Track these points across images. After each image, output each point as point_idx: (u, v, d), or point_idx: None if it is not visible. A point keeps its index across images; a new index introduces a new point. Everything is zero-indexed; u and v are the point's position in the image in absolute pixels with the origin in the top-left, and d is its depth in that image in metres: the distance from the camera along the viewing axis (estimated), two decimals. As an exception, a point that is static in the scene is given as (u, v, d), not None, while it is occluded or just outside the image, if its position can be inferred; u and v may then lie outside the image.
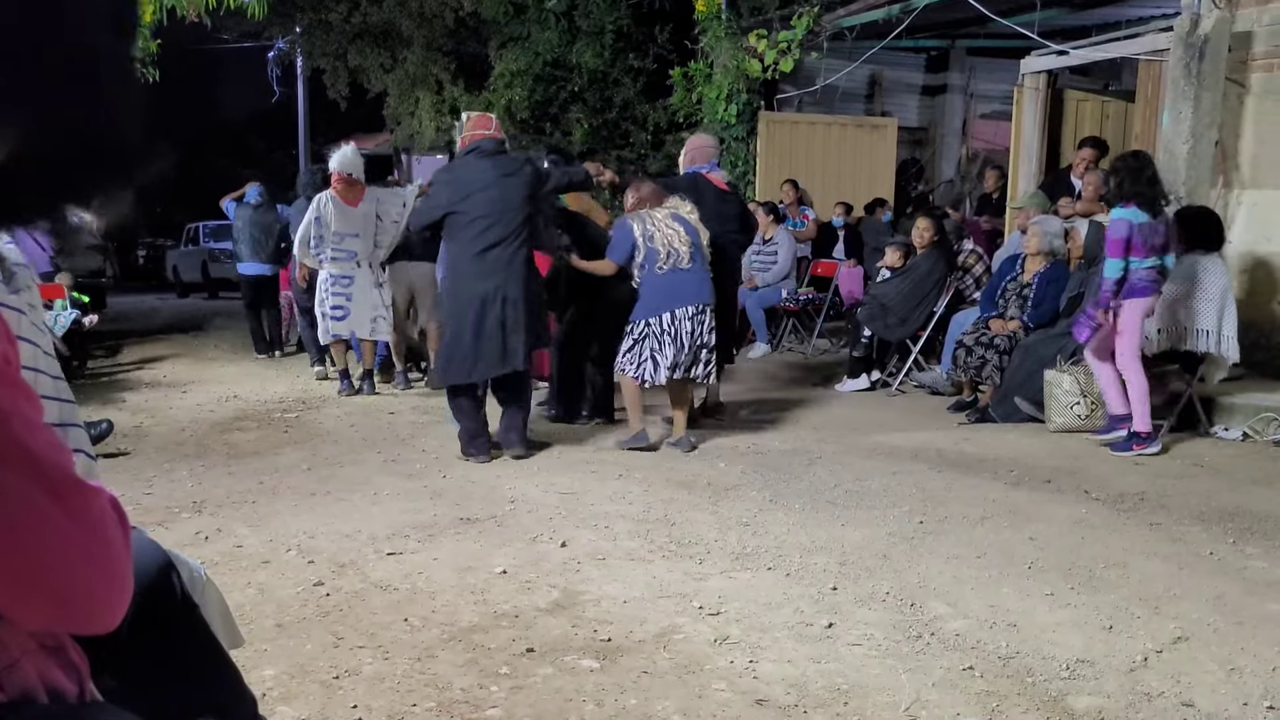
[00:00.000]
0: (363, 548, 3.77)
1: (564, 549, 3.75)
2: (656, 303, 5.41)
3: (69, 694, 1.09)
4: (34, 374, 1.42)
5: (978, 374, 6.48)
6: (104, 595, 0.98)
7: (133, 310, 15.55)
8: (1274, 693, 2.58)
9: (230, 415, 6.64)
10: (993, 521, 4.10)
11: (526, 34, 12.49)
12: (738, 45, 10.42)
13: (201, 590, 1.62)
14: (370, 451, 5.49)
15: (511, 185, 5.29)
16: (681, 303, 5.37)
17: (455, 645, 2.87)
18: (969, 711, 2.48)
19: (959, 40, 12.27)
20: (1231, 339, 5.68)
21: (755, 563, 3.61)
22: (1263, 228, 6.66)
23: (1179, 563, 3.59)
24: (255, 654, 2.72)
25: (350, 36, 13.69)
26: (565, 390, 6.29)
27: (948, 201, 12.45)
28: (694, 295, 5.40)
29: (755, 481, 4.78)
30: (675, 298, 5.38)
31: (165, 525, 4.00)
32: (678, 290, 5.39)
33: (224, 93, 30.13)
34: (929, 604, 3.20)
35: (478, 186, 5.26)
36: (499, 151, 5.42)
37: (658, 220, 5.48)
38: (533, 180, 5.40)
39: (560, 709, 2.49)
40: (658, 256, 5.41)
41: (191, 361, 9.57)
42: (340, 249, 7.15)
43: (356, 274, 7.21)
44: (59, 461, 0.94)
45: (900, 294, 7.47)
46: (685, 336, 5.36)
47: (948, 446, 5.56)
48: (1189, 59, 6.60)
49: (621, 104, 12.63)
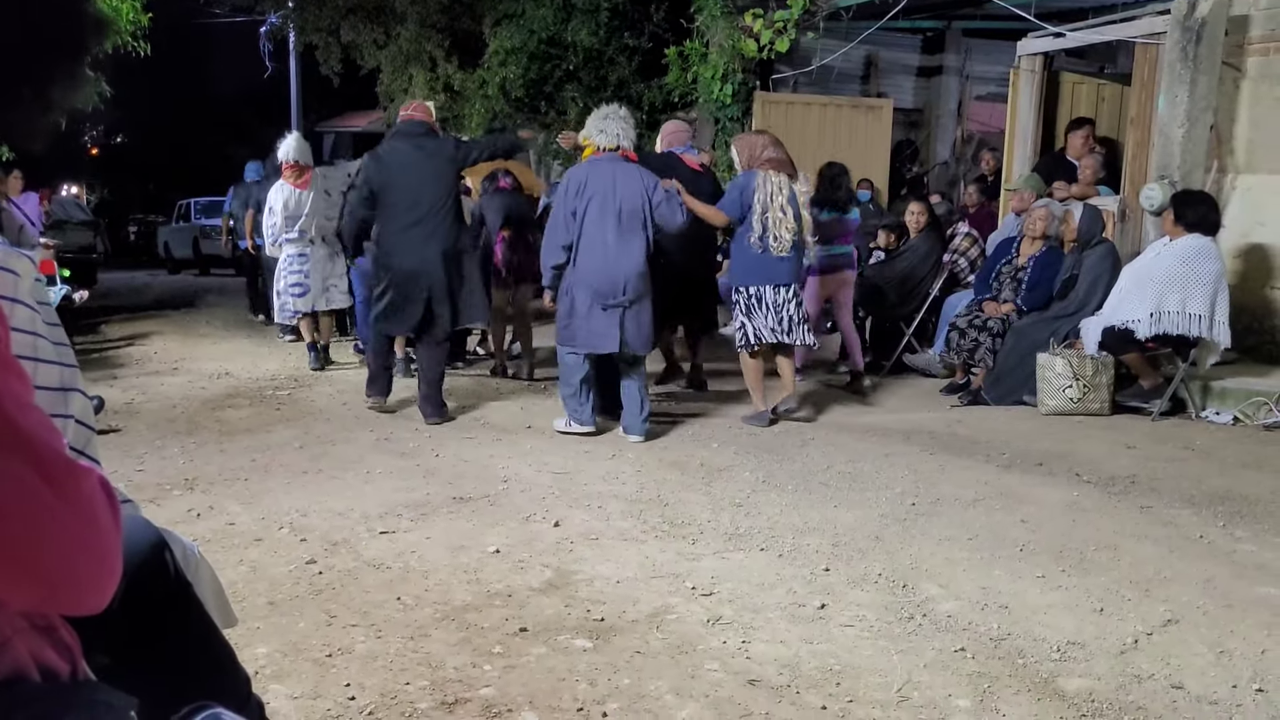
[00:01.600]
0: (355, 526, 3.76)
1: (557, 529, 3.76)
2: (750, 275, 5.67)
3: (61, 673, 1.09)
4: (33, 338, 1.40)
5: (970, 356, 6.49)
6: (92, 576, 0.98)
7: (124, 287, 15.48)
8: (1263, 675, 2.60)
9: (222, 392, 6.62)
10: (985, 504, 4.11)
11: (521, 11, 12.41)
12: (733, 25, 10.35)
13: (195, 569, 1.61)
14: (363, 430, 5.48)
15: (432, 164, 5.62)
16: (773, 281, 5.62)
17: (448, 624, 2.87)
18: (960, 692, 2.49)
19: (955, 21, 12.20)
20: (1224, 324, 5.69)
21: (748, 543, 3.62)
22: (1256, 212, 6.66)
23: (1169, 546, 3.61)
24: (248, 632, 2.72)
25: (343, 12, 13.59)
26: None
27: (943, 183, 12.45)
28: (785, 276, 5.64)
29: (748, 462, 4.79)
30: (768, 276, 5.62)
31: (157, 502, 3.99)
32: (770, 270, 5.61)
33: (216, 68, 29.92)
34: (921, 585, 3.21)
35: (398, 168, 5.62)
36: (423, 133, 5.73)
37: (775, 198, 5.56)
38: (455, 157, 5.73)
39: (553, 688, 2.49)
40: (759, 232, 5.55)
41: (183, 338, 9.53)
42: (294, 230, 7.59)
43: (311, 250, 7.61)
44: (49, 442, 0.93)
45: (897, 276, 7.47)
46: (776, 308, 5.63)
47: (940, 429, 5.57)
48: (1185, 42, 6.58)
49: (617, 83, 12.56)
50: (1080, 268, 6.26)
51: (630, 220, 5.25)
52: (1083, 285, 6.21)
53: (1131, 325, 5.73)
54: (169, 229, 21.71)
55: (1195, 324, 5.65)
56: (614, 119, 5.46)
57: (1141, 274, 5.86)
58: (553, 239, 5.36)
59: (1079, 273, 6.26)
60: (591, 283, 5.23)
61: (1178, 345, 5.80)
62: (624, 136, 5.43)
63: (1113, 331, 5.81)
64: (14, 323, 1.37)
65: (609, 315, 5.23)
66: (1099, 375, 5.82)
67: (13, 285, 1.38)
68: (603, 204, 5.24)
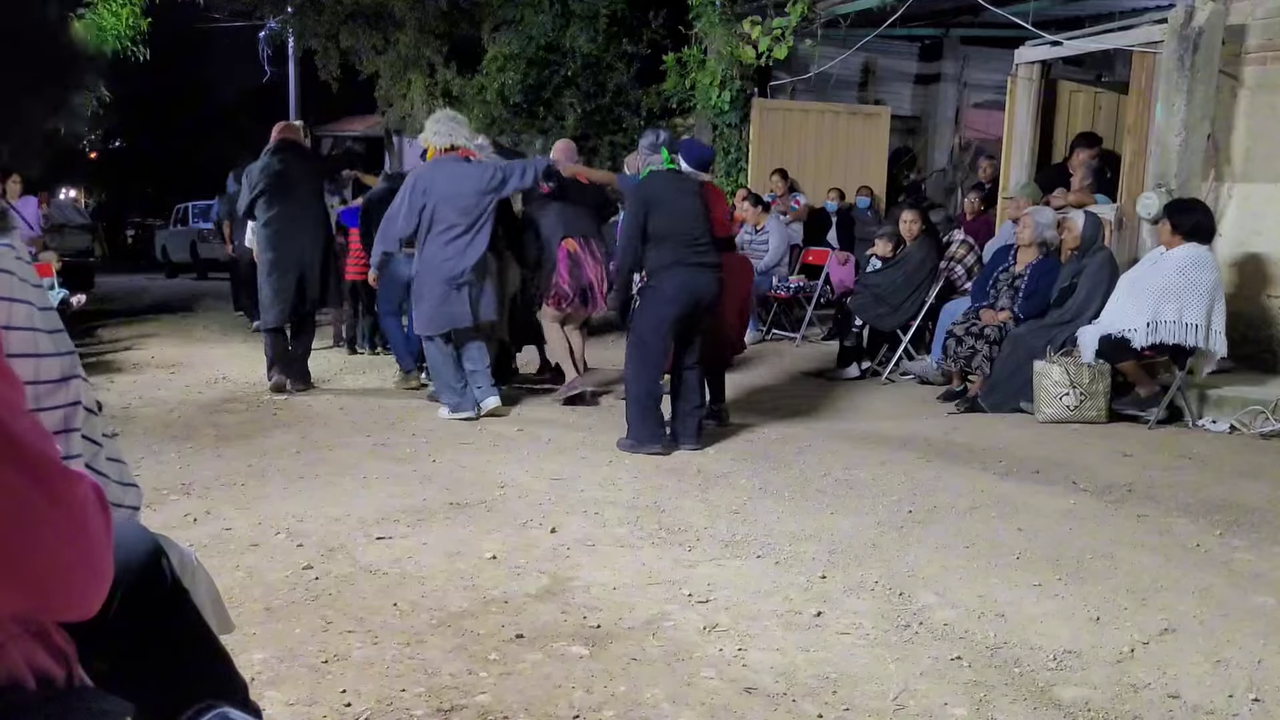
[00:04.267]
0: (352, 532, 3.76)
1: (554, 535, 3.76)
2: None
3: (57, 679, 1.09)
4: (32, 333, 1.40)
5: (967, 364, 6.50)
6: (83, 582, 0.98)
7: (121, 290, 15.47)
8: (1259, 684, 2.60)
9: (219, 397, 6.62)
10: (981, 512, 4.11)
11: (520, 17, 12.41)
12: (731, 31, 10.37)
13: (192, 575, 1.61)
14: (360, 435, 5.48)
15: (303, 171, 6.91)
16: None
17: (444, 630, 2.87)
18: (956, 701, 2.49)
19: (953, 29, 12.25)
20: (1220, 333, 5.70)
21: (744, 551, 3.62)
22: (1253, 221, 6.68)
23: (1166, 554, 3.61)
24: (244, 638, 2.71)
25: (342, 17, 13.59)
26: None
27: (940, 191, 12.47)
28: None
29: (745, 469, 4.79)
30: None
31: (153, 507, 3.98)
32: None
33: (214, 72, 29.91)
34: (917, 593, 3.22)
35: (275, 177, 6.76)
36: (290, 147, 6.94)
37: None
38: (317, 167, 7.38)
39: (549, 695, 2.49)
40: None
41: (180, 342, 9.52)
42: None
43: None
44: (41, 447, 0.93)
45: (893, 283, 7.47)
46: None
47: (937, 436, 5.57)
48: (1183, 51, 6.60)
49: (615, 89, 12.57)
50: (1079, 275, 6.27)
51: (469, 212, 5.86)
52: (1080, 293, 6.21)
53: (1128, 334, 5.73)
54: (167, 233, 21.73)
55: (1192, 333, 5.65)
56: (445, 122, 6.06)
57: (1138, 283, 5.87)
58: (389, 229, 6.07)
59: (1078, 280, 6.27)
60: (439, 271, 5.87)
61: (1174, 354, 5.81)
62: (456, 136, 6.01)
63: (1109, 340, 5.81)
64: (13, 321, 1.37)
65: (460, 294, 5.88)
66: (1096, 383, 5.83)
67: (7, 285, 1.38)
68: (444, 199, 5.84)
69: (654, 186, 5.39)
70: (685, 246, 5.24)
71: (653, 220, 5.27)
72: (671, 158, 5.48)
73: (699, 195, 5.43)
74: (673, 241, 5.24)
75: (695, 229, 5.29)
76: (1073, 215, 6.55)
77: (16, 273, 1.40)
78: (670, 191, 5.35)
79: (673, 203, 5.30)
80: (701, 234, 5.31)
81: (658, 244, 5.28)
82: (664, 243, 5.26)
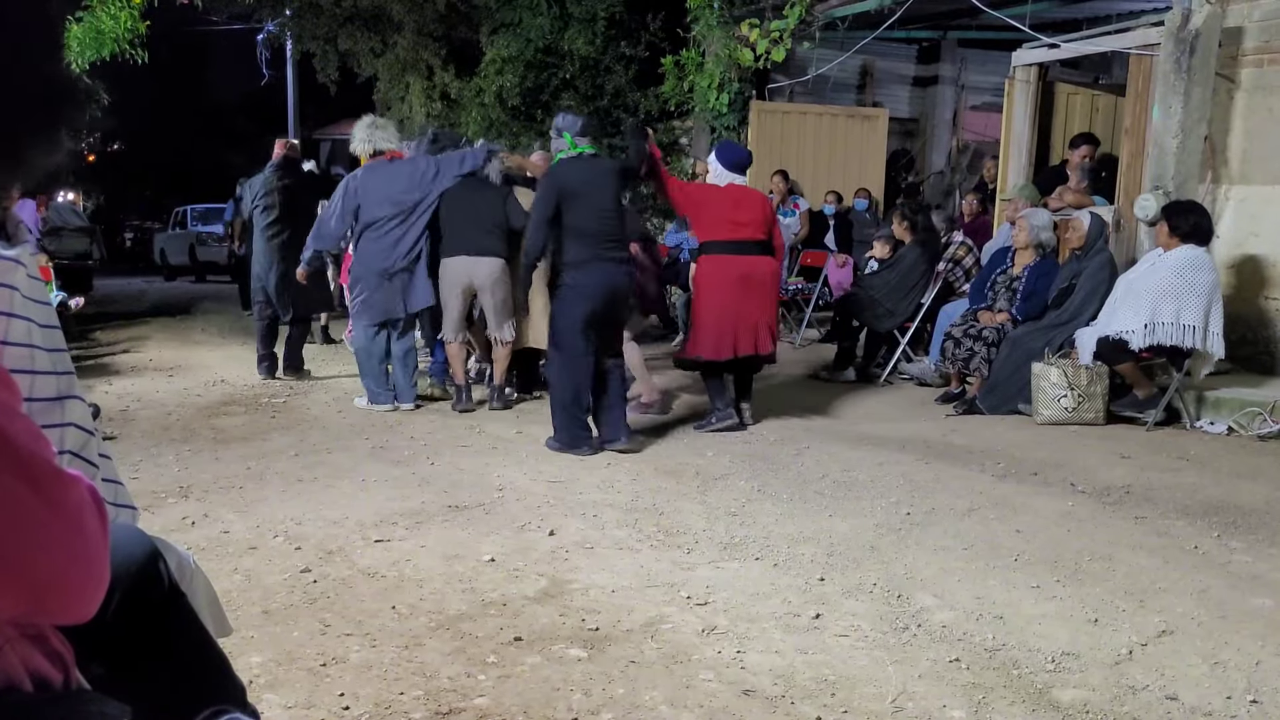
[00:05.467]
0: (350, 535, 3.76)
1: (552, 537, 3.75)
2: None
3: (54, 682, 1.09)
4: (29, 349, 1.40)
5: (966, 366, 6.50)
6: (80, 584, 0.98)
7: (120, 293, 15.47)
8: (1257, 686, 2.60)
9: (217, 400, 6.62)
10: (980, 513, 4.11)
11: (518, 20, 12.42)
12: (730, 34, 10.38)
13: (190, 578, 1.61)
14: (358, 438, 5.48)
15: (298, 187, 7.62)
16: None
17: (443, 633, 2.87)
18: (955, 703, 2.49)
19: (950, 31, 12.26)
20: (1218, 334, 5.71)
21: (743, 553, 3.62)
22: (1250, 223, 6.69)
23: (1164, 556, 3.61)
24: (242, 641, 2.71)
25: (341, 20, 13.58)
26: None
27: (938, 193, 12.48)
28: None
29: (743, 471, 4.79)
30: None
31: (151, 510, 3.98)
32: None
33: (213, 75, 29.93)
34: (916, 595, 3.22)
35: (272, 193, 7.53)
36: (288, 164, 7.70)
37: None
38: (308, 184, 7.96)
39: (548, 698, 2.49)
40: None
41: (178, 345, 9.52)
42: None
43: None
44: (37, 450, 0.93)
45: (888, 285, 7.48)
46: None
47: (935, 438, 5.58)
48: (1179, 54, 6.61)
49: (613, 92, 12.58)
50: (1078, 277, 6.28)
51: (401, 206, 6.17)
52: (1079, 294, 6.22)
53: (1126, 335, 5.74)
54: (165, 235, 21.72)
55: (1189, 335, 5.66)
56: (366, 129, 6.41)
57: (1136, 284, 5.87)
58: (323, 230, 6.42)
59: (1077, 282, 6.28)
60: (372, 264, 6.21)
61: (1172, 355, 5.81)
62: (378, 141, 6.37)
63: (1107, 341, 5.82)
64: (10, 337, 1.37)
65: (392, 284, 6.20)
66: (1094, 385, 5.83)
67: (8, 300, 1.38)
68: (375, 199, 6.18)
69: (565, 175, 5.28)
70: (600, 241, 5.17)
71: (566, 212, 5.19)
72: (576, 142, 5.39)
73: (613, 184, 5.34)
74: (587, 235, 5.16)
75: (609, 221, 5.22)
76: (1077, 215, 6.55)
77: (20, 289, 1.40)
78: (582, 180, 5.25)
79: (586, 193, 5.20)
80: (615, 227, 5.25)
81: (572, 237, 5.19)
82: (578, 236, 5.18)
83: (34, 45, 0.90)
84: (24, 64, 0.89)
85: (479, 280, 6.16)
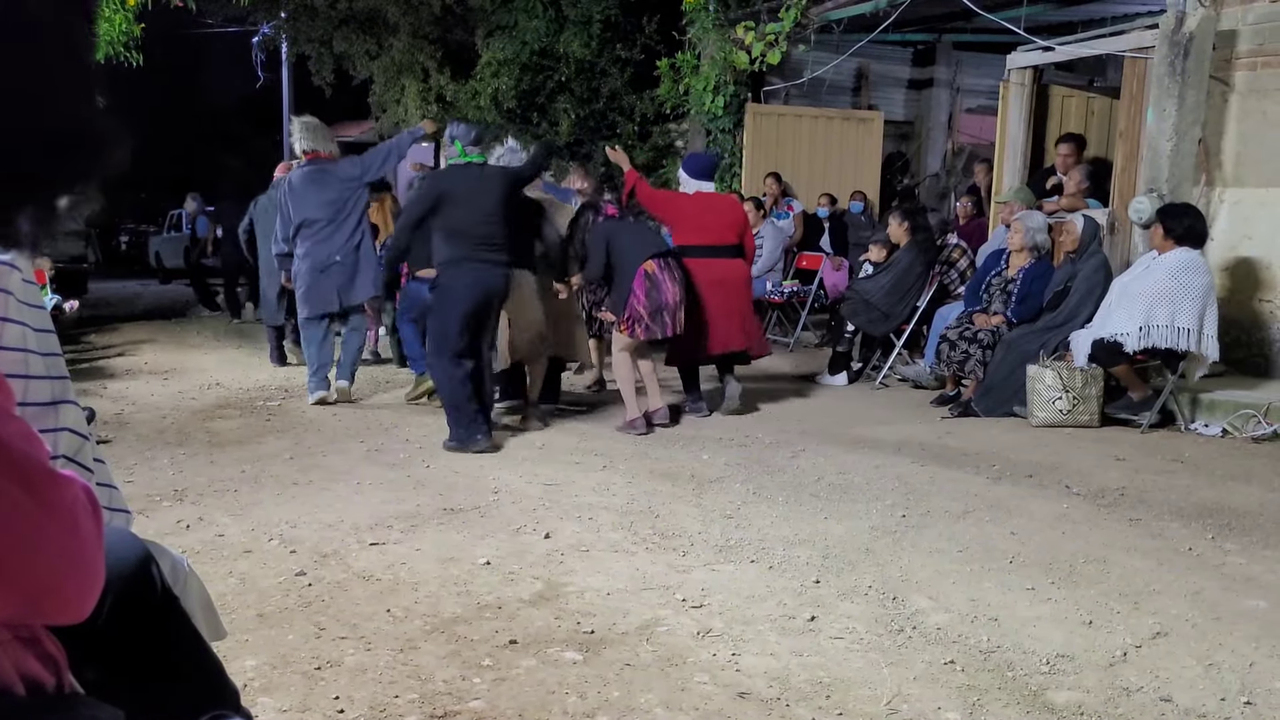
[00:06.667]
0: (345, 537, 3.75)
1: (547, 540, 3.75)
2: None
3: (47, 685, 1.09)
4: (23, 354, 1.40)
5: (961, 368, 6.51)
6: (74, 587, 0.97)
7: (115, 296, 15.43)
8: (1251, 687, 2.60)
9: (212, 403, 6.61)
10: (975, 516, 4.12)
11: (514, 23, 12.42)
12: (725, 37, 10.39)
13: (183, 582, 1.61)
14: (353, 441, 5.48)
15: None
16: None
17: (438, 636, 2.87)
18: (950, 705, 2.50)
19: (946, 34, 12.27)
20: (1212, 337, 5.72)
21: (738, 555, 3.62)
22: (1244, 226, 6.70)
23: (1158, 558, 3.62)
24: (236, 644, 2.71)
25: (336, 22, 13.58)
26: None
27: (933, 196, 12.49)
28: None
29: (739, 474, 4.79)
30: None
31: (146, 514, 3.97)
32: None
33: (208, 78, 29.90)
34: (911, 598, 3.22)
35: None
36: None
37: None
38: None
39: (543, 701, 2.49)
40: None
41: (173, 348, 9.50)
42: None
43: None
44: (30, 451, 0.93)
45: (882, 289, 7.49)
46: None
47: (931, 440, 5.58)
48: (1174, 57, 6.62)
49: (609, 94, 12.59)
50: (1073, 279, 6.29)
51: (332, 205, 6.43)
52: (1074, 297, 6.23)
53: (1120, 338, 5.75)
54: (160, 238, 21.66)
55: (1184, 337, 5.67)
56: (300, 131, 6.66)
57: (1131, 287, 5.88)
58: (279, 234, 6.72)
59: (1072, 284, 6.29)
60: (309, 260, 6.47)
61: (1166, 358, 5.83)
62: (312, 143, 6.58)
63: (1102, 344, 5.83)
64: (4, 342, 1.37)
65: (327, 278, 6.46)
66: (1088, 387, 5.84)
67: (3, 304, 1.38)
68: (307, 200, 6.44)
69: (448, 180, 5.54)
70: (476, 243, 5.32)
71: (444, 215, 5.38)
72: (466, 150, 5.56)
73: (498, 190, 5.47)
74: (463, 238, 5.33)
75: (489, 226, 5.36)
76: (1071, 218, 6.57)
77: (15, 293, 1.40)
78: (465, 187, 5.42)
79: (467, 198, 5.37)
80: (495, 231, 5.38)
81: (448, 239, 5.37)
82: (454, 238, 5.35)
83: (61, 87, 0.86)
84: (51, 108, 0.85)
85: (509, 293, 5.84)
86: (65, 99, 0.86)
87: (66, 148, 0.86)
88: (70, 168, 0.88)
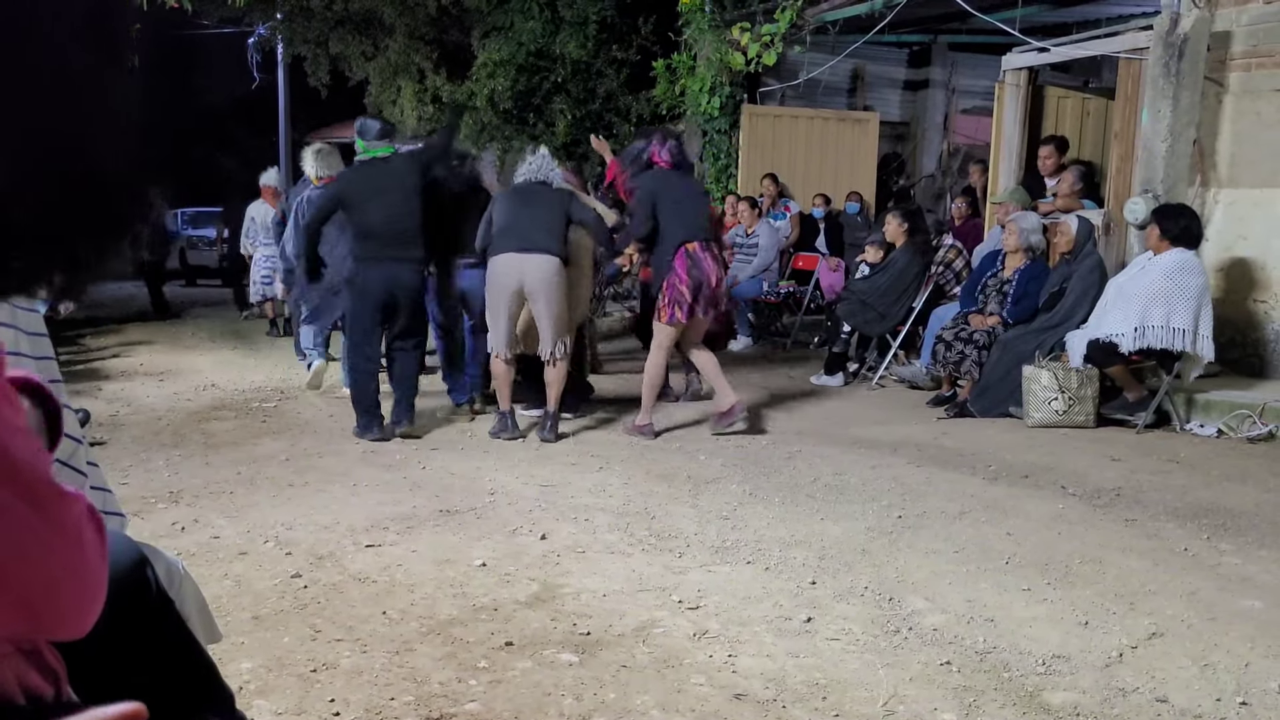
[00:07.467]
0: (341, 539, 3.75)
1: (543, 542, 3.75)
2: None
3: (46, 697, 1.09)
4: (15, 358, 1.40)
5: (957, 369, 6.51)
6: (77, 603, 0.97)
7: (109, 297, 15.39)
8: (1246, 688, 2.61)
9: (208, 404, 6.60)
10: (971, 516, 4.12)
11: (510, 24, 12.43)
12: (721, 38, 10.40)
13: (179, 585, 1.61)
14: (349, 442, 5.47)
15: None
16: None
17: (434, 638, 2.86)
18: (946, 706, 2.50)
19: (941, 35, 12.29)
20: (1207, 337, 5.73)
21: (734, 556, 3.62)
22: (1239, 226, 6.71)
23: (1154, 559, 3.63)
24: (232, 647, 2.70)
25: (332, 24, 13.57)
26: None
27: (929, 196, 12.50)
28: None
29: (735, 475, 4.79)
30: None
31: (141, 516, 3.96)
32: None
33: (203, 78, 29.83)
34: (907, 599, 3.22)
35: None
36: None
37: None
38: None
39: (539, 703, 2.48)
40: None
41: (168, 350, 9.49)
42: (267, 239, 9.59)
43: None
44: (37, 467, 0.93)
45: (879, 289, 7.49)
46: None
47: (927, 441, 5.59)
48: (1168, 58, 6.63)
49: (605, 95, 12.59)
50: (1069, 280, 6.29)
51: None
52: (1069, 298, 6.24)
53: (1116, 338, 5.75)
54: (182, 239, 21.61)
55: (1179, 338, 5.68)
56: (312, 159, 6.80)
57: (1126, 288, 5.89)
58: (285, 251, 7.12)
59: (1067, 285, 6.29)
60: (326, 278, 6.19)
61: (1162, 358, 5.83)
62: (327, 169, 6.69)
63: (1097, 344, 5.83)
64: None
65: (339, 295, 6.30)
66: (1084, 388, 5.85)
67: None
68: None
69: (347, 183, 5.67)
70: (386, 241, 5.41)
71: (352, 214, 5.47)
72: (368, 145, 5.61)
73: (407, 182, 5.50)
74: (373, 235, 5.43)
75: (399, 223, 5.43)
76: (1065, 219, 6.57)
77: None
78: (368, 185, 5.50)
79: (371, 196, 5.44)
80: (406, 227, 5.46)
81: (357, 239, 5.49)
82: (364, 236, 5.46)
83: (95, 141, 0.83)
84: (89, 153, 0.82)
85: (530, 282, 5.43)
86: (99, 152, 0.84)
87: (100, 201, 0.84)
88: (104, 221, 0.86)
